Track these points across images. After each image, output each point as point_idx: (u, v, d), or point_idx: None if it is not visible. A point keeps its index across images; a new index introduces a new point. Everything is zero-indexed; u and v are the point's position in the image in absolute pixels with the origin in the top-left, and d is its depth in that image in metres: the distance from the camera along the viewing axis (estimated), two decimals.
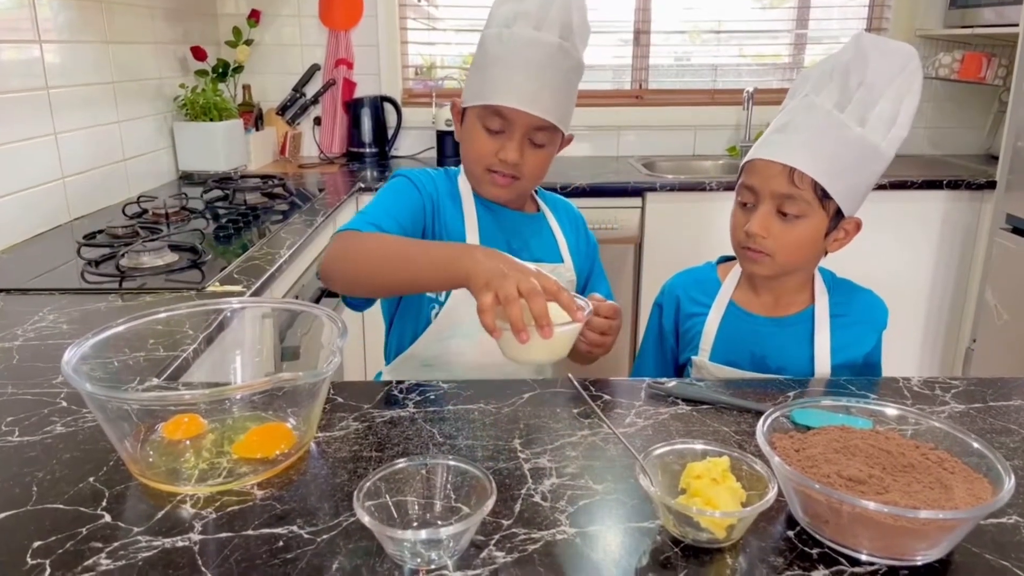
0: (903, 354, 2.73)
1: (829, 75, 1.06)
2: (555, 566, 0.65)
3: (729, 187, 2.50)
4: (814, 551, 0.67)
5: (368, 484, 0.67)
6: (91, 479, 0.77)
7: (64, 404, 0.93)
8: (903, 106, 1.03)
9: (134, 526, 0.70)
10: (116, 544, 0.67)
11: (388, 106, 3.01)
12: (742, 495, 0.69)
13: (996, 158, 2.63)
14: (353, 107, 2.95)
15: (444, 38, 3.12)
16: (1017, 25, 2.40)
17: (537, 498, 0.75)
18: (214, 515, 0.72)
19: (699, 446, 0.73)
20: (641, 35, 3.06)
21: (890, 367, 1.20)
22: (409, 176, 1.24)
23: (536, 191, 1.33)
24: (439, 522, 0.68)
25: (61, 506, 0.73)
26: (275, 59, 2.98)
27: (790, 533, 0.70)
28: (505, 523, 0.70)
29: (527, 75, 1.11)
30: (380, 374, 1.32)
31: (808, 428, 0.80)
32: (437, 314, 1.21)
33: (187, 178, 2.57)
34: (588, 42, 1.18)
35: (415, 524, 0.68)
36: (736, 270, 1.21)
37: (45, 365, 1.04)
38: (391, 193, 1.21)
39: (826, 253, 1.16)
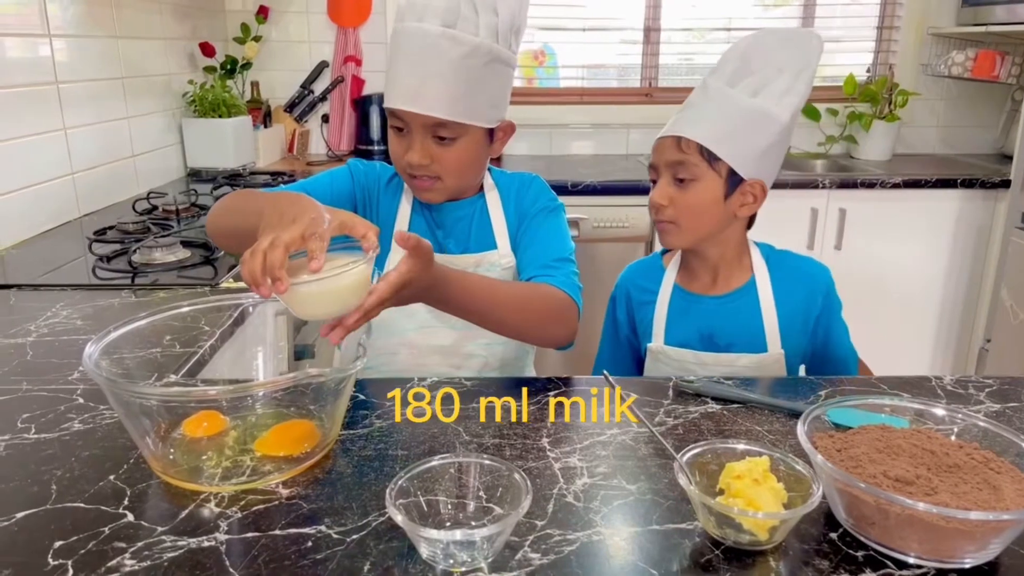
0: (916, 354, 2.70)
1: (725, 60, 1.16)
2: (592, 568, 0.63)
3: None
4: (859, 553, 0.65)
5: (400, 482, 0.65)
6: (112, 477, 0.75)
7: (81, 400, 0.91)
8: (800, 78, 1.11)
9: (157, 525, 0.68)
10: (140, 544, 0.65)
11: None
12: (783, 496, 0.67)
13: (1009, 157, 2.61)
14: (361, 104, 2.93)
15: None
16: None
17: (570, 498, 0.73)
18: (239, 514, 0.70)
19: (739, 446, 0.71)
20: (651, 32, 3.04)
21: (903, 367, 1.18)
22: (351, 165, 1.22)
23: (492, 172, 1.23)
24: (472, 523, 0.66)
25: (82, 505, 0.71)
26: (283, 56, 2.96)
27: (833, 535, 0.68)
28: (539, 524, 0.69)
29: (408, 71, 1.05)
30: None
31: (846, 428, 0.77)
32: None
33: (195, 175, 2.55)
34: (510, 21, 1.07)
35: (448, 524, 0.66)
36: (677, 255, 1.25)
37: (60, 361, 1.02)
38: (324, 175, 1.20)
39: (750, 225, 1.21)
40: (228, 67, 2.74)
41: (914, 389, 0.97)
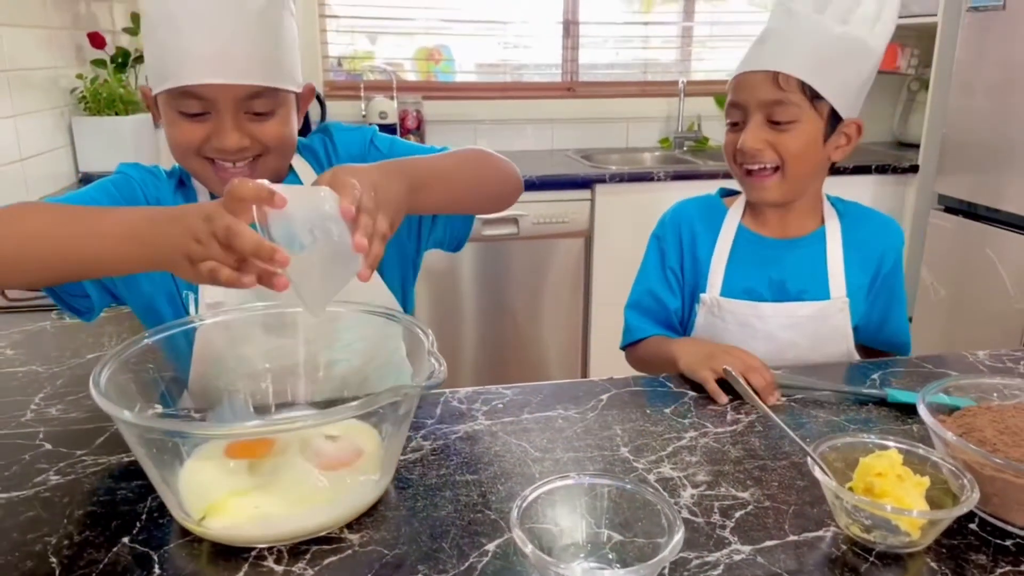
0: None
1: None
2: None
3: (677, 176, 2.49)
4: (1008, 543, 0.61)
5: (524, 505, 0.54)
6: (125, 540, 0.60)
7: (48, 446, 0.75)
8: (886, 5, 1.00)
9: None
10: None
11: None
12: (924, 489, 0.62)
13: (906, 144, 2.75)
14: None
15: (368, 26, 2.94)
16: (934, 16, 2.52)
17: (685, 514, 0.65)
18: (310, 571, 0.57)
19: (869, 438, 0.65)
20: (571, 26, 3.01)
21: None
22: (128, 173, 0.99)
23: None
24: (611, 555, 0.57)
25: None
26: None
27: (971, 525, 0.63)
28: None
29: (205, 35, 0.83)
30: None
31: (950, 409, 0.74)
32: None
33: (88, 181, 2.27)
34: None
35: (582, 556, 0.56)
36: (741, 199, 1.13)
37: (5, 400, 0.84)
38: (92, 189, 0.95)
39: (834, 166, 1.09)
40: (120, 60, 2.47)
41: (957, 366, 0.96)
